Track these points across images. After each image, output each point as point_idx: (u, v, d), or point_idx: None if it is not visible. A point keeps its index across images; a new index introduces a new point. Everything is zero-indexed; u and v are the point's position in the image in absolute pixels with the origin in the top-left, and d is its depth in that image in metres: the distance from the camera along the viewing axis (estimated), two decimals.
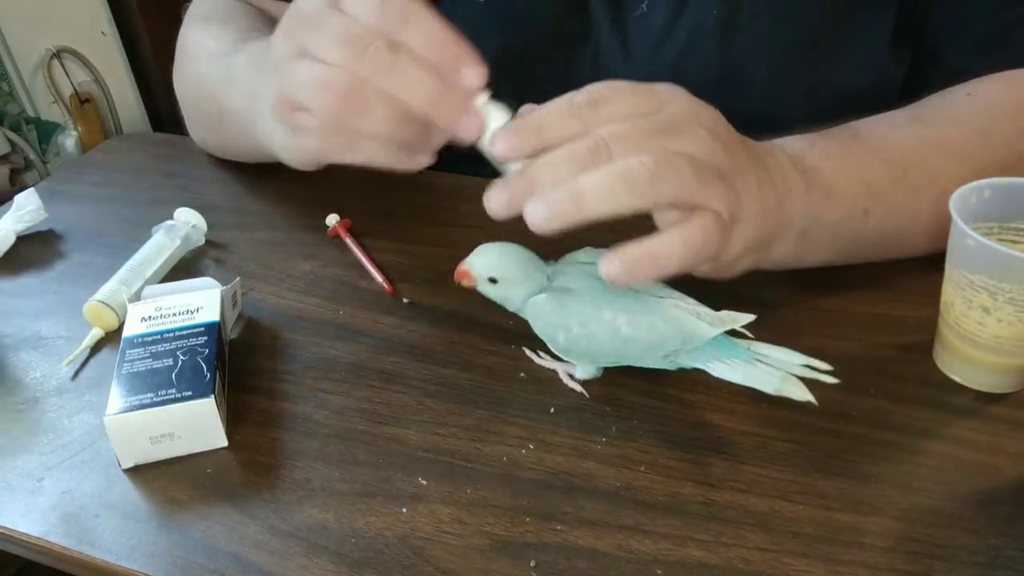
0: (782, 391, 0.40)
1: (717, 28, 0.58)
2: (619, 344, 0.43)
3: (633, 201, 0.38)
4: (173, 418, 0.42)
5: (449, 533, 0.39)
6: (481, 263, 0.46)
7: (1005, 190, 0.45)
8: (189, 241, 0.60)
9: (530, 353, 0.48)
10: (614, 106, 0.40)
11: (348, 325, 0.52)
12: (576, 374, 0.46)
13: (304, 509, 0.40)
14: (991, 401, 0.45)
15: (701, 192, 0.40)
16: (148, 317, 0.48)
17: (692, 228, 0.40)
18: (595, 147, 0.38)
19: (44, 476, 0.43)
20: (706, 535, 0.38)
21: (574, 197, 0.38)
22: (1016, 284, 0.41)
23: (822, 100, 0.55)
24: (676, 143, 0.40)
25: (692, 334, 0.42)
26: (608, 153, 0.38)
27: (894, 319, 0.50)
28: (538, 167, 0.39)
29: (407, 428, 0.45)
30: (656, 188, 0.38)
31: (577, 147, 0.38)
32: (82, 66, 1.74)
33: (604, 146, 0.38)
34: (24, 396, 0.48)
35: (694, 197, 0.40)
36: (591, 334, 0.43)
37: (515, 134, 0.39)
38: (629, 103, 0.40)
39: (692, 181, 0.39)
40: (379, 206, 0.65)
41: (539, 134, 0.39)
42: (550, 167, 0.39)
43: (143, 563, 0.38)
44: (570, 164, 0.38)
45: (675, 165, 0.39)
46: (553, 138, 0.39)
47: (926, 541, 0.38)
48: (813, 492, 0.40)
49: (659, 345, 0.42)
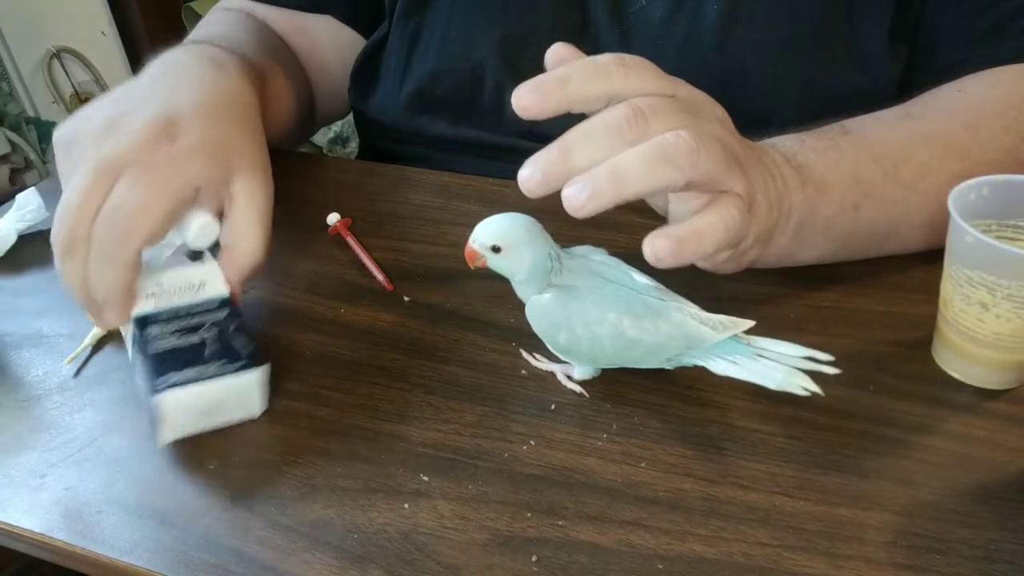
0: (785, 386, 0.40)
1: (716, 23, 0.58)
2: (622, 347, 0.43)
3: (675, 176, 0.37)
4: (224, 392, 0.43)
5: (451, 528, 0.39)
6: (483, 232, 0.44)
7: (1004, 187, 0.45)
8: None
9: (527, 355, 0.48)
10: (639, 73, 0.39)
11: (349, 323, 0.52)
12: (574, 375, 0.46)
13: (306, 505, 0.41)
14: (990, 397, 0.45)
15: (729, 174, 0.40)
16: (152, 294, 0.46)
17: (728, 207, 0.40)
18: (634, 117, 0.37)
19: (47, 473, 0.43)
20: (707, 530, 0.38)
21: (613, 175, 0.36)
22: (1014, 280, 0.41)
23: (820, 96, 0.55)
24: (703, 125, 0.39)
25: (695, 339, 0.42)
26: (646, 125, 0.37)
27: (893, 316, 0.51)
28: (574, 138, 0.37)
29: (408, 425, 0.45)
30: (696, 164, 0.37)
31: (616, 116, 0.37)
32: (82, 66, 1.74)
33: (643, 117, 0.37)
34: (26, 394, 0.49)
35: (725, 178, 0.40)
36: (595, 336, 0.43)
37: (538, 87, 0.37)
38: (652, 76, 0.40)
39: (724, 162, 0.39)
40: (380, 205, 0.65)
41: (564, 88, 0.37)
42: (586, 138, 0.37)
43: (146, 559, 0.38)
44: (607, 135, 0.37)
45: (711, 143, 0.38)
46: (579, 95, 0.38)
47: (926, 535, 0.38)
48: (814, 487, 0.40)
49: (662, 349, 0.42)
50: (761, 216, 0.44)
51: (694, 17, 0.59)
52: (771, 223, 0.46)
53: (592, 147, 0.37)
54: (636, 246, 0.50)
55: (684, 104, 0.40)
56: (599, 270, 0.44)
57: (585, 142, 0.37)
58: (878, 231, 0.52)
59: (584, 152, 0.37)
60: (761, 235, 0.45)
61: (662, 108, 0.38)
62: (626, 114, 0.37)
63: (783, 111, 0.53)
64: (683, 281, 0.46)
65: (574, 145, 0.37)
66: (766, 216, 0.45)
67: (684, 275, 0.51)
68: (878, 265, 0.54)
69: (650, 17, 0.60)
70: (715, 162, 0.38)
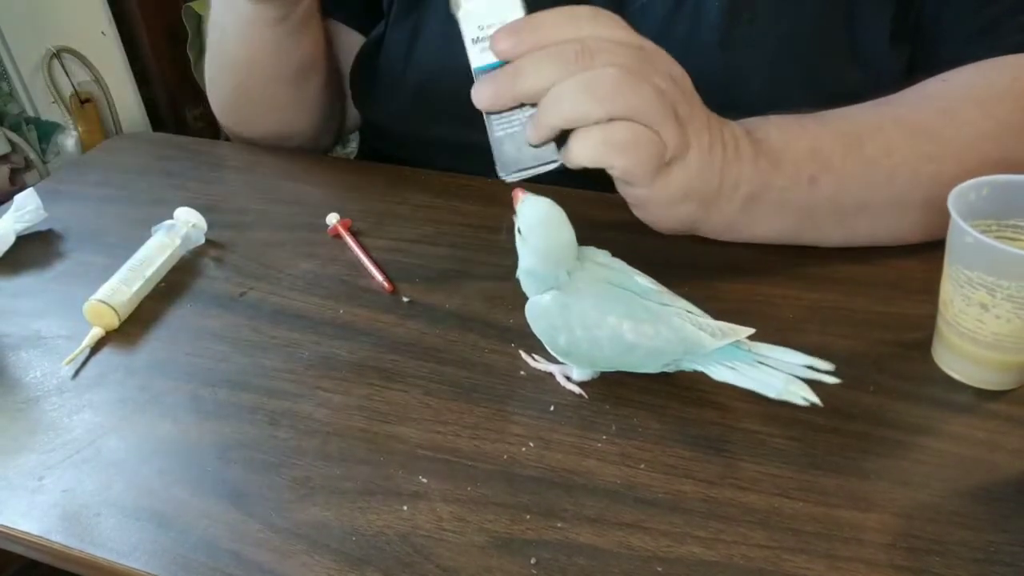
0: (785, 395, 0.40)
1: (717, 21, 0.58)
2: (621, 350, 0.42)
3: (595, 108, 0.41)
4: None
5: (450, 531, 0.39)
6: (526, 210, 0.43)
7: (1003, 187, 0.45)
8: (189, 241, 0.60)
9: (525, 356, 0.48)
10: (608, 23, 0.43)
11: (348, 324, 0.52)
12: (573, 376, 0.46)
13: (305, 507, 0.40)
14: (990, 398, 0.45)
15: (656, 118, 0.43)
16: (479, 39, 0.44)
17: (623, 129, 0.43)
18: (581, 51, 0.41)
19: (44, 475, 0.43)
20: (706, 532, 0.38)
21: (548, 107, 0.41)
22: (1014, 281, 0.41)
23: (821, 94, 0.55)
24: (651, 73, 0.43)
25: (694, 344, 0.41)
26: (591, 59, 0.41)
27: (893, 316, 0.50)
28: (524, 61, 0.41)
29: (407, 426, 0.45)
30: (617, 99, 0.41)
31: (564, 48, 0.41)
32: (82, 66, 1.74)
33: (589, 53, 0.41)
34: (24, 395, 0.48)
35: (650, 120, 0.43)
36: (594, 338, 0.43)
37: (515, 32, 0.42)
38: (620, 28, 0.44)
39: (651, 105, 0.42)
40: (379, 205, 0.65)
41: (536, 32, 0.42)
42: (534, 63, 0.41)
43: (144, 561, 0.38)
44: (553, 63, 0.41)
45: (640, 84, 0.42)
46: (549, 37, 0.42)
47: (925, 537, 0.38)
48: (813, 489, 0.40)
49: (661, 353, 0.42)
50: (691, 174, 0.46)
51: (695, 15, 0.58)
52: (709, 186, 0.48)
53: (539, 72, 0.41)
54: (637, 247, 0.50)
55: (639, 53, 0.43)
56: (602, 274, 0.43)
57: (533, 67, 0.41)
58: (842, 206, 0.52)
59: (531, 76, 0.41)
60: (693, 194, 0.48)
61: (612, 49, 0.42)
62: (575, 48, 0.41)
63: (784, 110, 0.53)
64: (683, 281, 0.46)
65: (523, 69, 0.41)
66: (702, 176, 0.47)
67: (684, 276, 0.51)
68: (878, 265, 0.54)
69: (651, 15, 0.60)
70: (640, 102, 0.42)
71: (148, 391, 0.48)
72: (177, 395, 0.48)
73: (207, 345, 0.51)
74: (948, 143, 0.52)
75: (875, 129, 0.52)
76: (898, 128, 0.52)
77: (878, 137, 0.52)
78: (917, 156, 0.51)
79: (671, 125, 0.44)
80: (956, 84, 0.55)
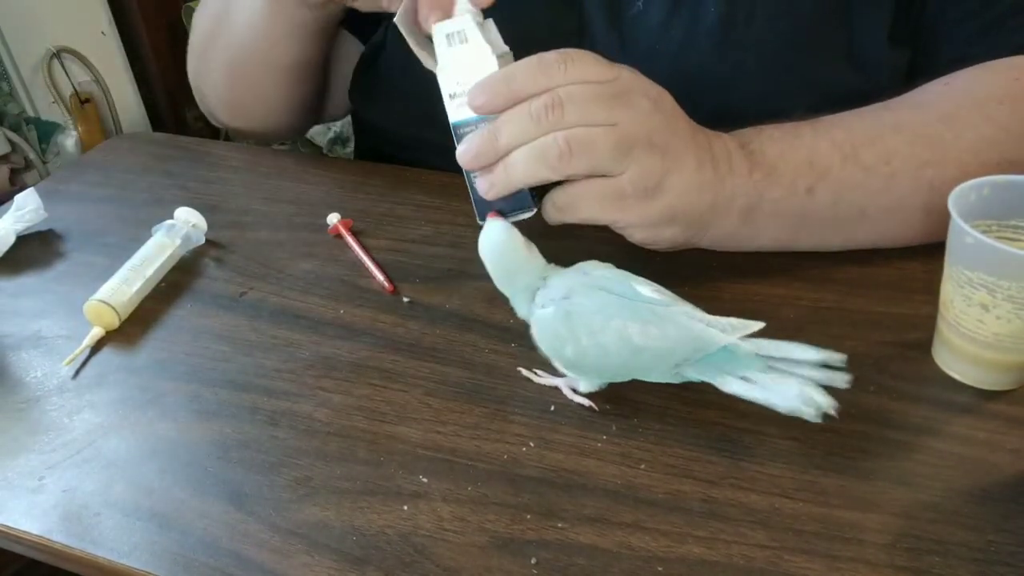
0: (795, 411, 0.40)
1: (714, 26, 0.58)
2: (629, 354, 0.42)
3: (549, 173, 0.44)
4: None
5: (450, 531, 0.39)
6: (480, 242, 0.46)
7: (1004, 188, 0.45)
8: (189, 241, 0.60)
9: (527, 372, 0.47)
10: (578, 66, 0.44)
11: (348, 324, 0.52)
12: (580, 388, 0.45)
13: (305, 507, 0.40)
14: (990, 398, 0.45)
15: (615, 165, 0.45)
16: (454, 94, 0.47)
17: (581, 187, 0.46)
18: (551, 104, 0.43)
19: (45, 475, 0.43)
20: (706, 532, 0.38)
21: (505, 169, 0.44)
22: (1015, 281, 0.41)
23: (820, 98, 0.55)
24: (620, 110, 0.44)
25: (703, 341, 0.41)
26: (562, 113, 0.43)
27: (893, 317, 0.50)
28: (500, 122, 0.44)
29: (408, 426, 0.45)
30: (568, 164, 0.44)
31: (535, 104, 0.43)
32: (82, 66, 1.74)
33: (559, 106, 0.43)
34: (25, 395, 0.48)
35: (608, 170, 0.45)
36: (600, 344, 0.42)
37: (489, 88, 0.44)
38: (591, 67, 0.45)
39: (605, 156, 0.44)
40: (379, 205, 0.65)
41: (509, 86, 0.44)
42: (510, 123, 0.44)
43: (144, 561, 0.38)
44: (527, 122, 0.43)
45: (590, 142, 0.44)
46: (521, 90, 0.44)
47: (925, 537, 0.38)
48: (813, 489, 0.40)
49: (670, 353, 0.41)
50: (674, 197, 0.47)
51: (691, 20, 0.58)
52: (701, 206, 0.49)
53: (514, 131, 0.44)
54: (638, 248, 0.50)
55: (609, 90, 0.44)
56: (602, 284, 0.43)
57: (509, 126, 0.44)
58: (841, 214, 0.52)
59: (507, 135, 0.44)
60: (682, 216, 0.48)
61: (579, 97, 0.44)
62: (545, 103, 0.43)
63: (782, 114, 0.53)
64: (684, 282, 0.46)
65: (500, 128, 0.44)
66: (689, 199, 0.48)
67: (685, 276, 0.51)
68: (878, 265, 0.54)
69: (647, 21, 0.60)
70: (591, 160, 0.44)
71: (148, 391, 0.48)
72: (177, 395, 0.48)
73: (207, 345, 0.51)
74: (948, 148, 0.51)
75: (873, 136, 0.52)
76: (897, 134, 0.52)
77: (876, 144, 0.52)
78: (916, 163, 0.51)
79: (635, 162, 0.45)
80: (957, 87, 0.55)
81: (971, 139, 0.52)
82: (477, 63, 0.45)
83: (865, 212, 0.53)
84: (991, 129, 0.52)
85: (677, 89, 0.49)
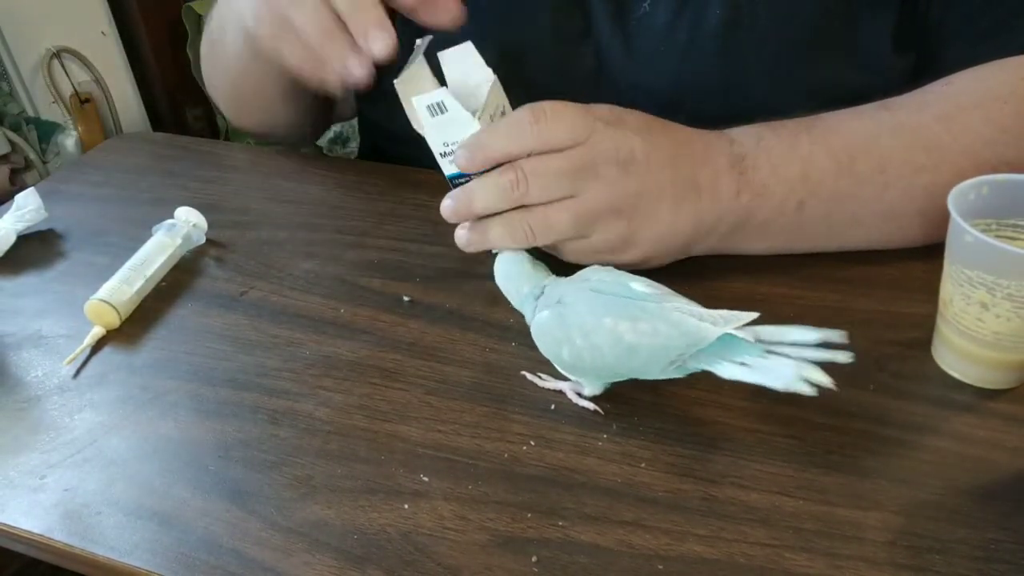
0: (794, 386, 0.39)
1: (718, 28, 0.58)
2: (622, 353, 0.41)
3: (517, 247, 0.48)
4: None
5: (451, 529, 0.39)
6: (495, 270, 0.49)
7: (1003, 187, 0.45)
8: (190, 240, 0.60)
9: (532, 377, 0.47)
10: (550, 127, 0.46)
11: (349, 323, 0.52)
12: (585, 392, 0.46)
13: (306, 506, 0.41)
14: (990, 397, 0.45)
15: (580, 234, 0.48)
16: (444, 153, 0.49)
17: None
18: (515, 181, 0.47)
19: (46, 474, 0.43)
20: (707, 530, 0.38)
21: (480, 235, 0.49)
22: (1014, 280, 0.41)
23: (824, 100, 0.55)
24: (582, 183, 0.47)
25: (696, 336, 0.40)
26: (526, 188, 0.46)
27: (893, 315, 0.50)
28: (476, 188, 0.48)
29: (408, 425, 0.45)
30: (534, 241, 0.48)
31: (502, 179, 0.47)
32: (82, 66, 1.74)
33: (524, 182, 0.46)
34: (26, 395, 0.49)
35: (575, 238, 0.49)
36: (594, 345, 0.42)
37: (467, 152, 0.47)
38: (562, 130, 0.47)
39: (567, 232, 0.48)
40: (379, 205, 0.65)
41: (484, 151, 0.47)
42: (483, 190, 0.48)
43: (145, 560, 0.38)
44: (496, 191, 0.47)
45: (548, 226, 0.48)
46: (495, 155, 0.47)
47: (926, 535, 0.38)
48: (813, 487, 0.40)
49: (664, 350, 0.41)
50: (648, 245, 0.50)
51: (696, 22, 0.58)
52: (679, 240, 0.51)
53: (487, 199, 0.48)
54: None
55: (574, 162, 0.47)
56: (595, 286, 0.43)
57: (481, 193, 0.48)
58: (833, 223, 0.53)
59: (481, 201, 0.48)
60: (661, 253, 0.51)
61: (542, 171, 0.47)
62: (510, 179, 0.47)
63: (786, 116, 0.53)
64: (683, 281, 0.46)
65: (475, 194, 0.48)
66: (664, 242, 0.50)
67: (684, 276, 0.51)
68: (878, 265, 0.54)
69: (652, 23, 0.60)
70: (555, 237, 0.48)
71: (149, 390, 0.48)
72: (178, 394, 0.48)
73: (208, 344, 0.51)
74: (945, 151, 0.51)
75: (870, 142, 0.52)
76: (894, 137, 0.52)
77: (872, 151, 0.51)
78: (911, 168, 0.51)
79: (597, 234, 0.49)
80: (958, 88, 0.54)
81: (968, 142, 0.52)
82: (458, 124, 0.48)
83: (858, 219, 0.53)
84: (990, 130, 0.52)
85: (681, 90, 0.49)
